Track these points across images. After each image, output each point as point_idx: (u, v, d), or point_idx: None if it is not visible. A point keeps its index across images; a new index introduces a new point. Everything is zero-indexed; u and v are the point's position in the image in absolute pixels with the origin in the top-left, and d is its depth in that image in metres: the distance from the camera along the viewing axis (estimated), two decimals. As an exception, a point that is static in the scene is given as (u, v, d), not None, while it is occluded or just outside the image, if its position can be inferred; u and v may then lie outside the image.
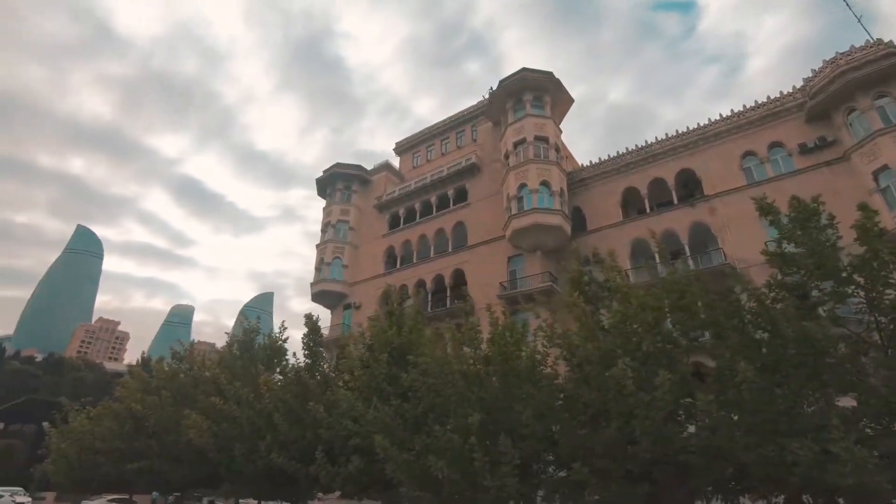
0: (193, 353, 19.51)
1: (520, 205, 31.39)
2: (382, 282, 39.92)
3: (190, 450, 14.57)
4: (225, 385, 14.47)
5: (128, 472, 16.84)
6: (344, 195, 45.70)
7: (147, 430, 16.11)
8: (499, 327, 12.10)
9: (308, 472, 12.78)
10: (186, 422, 14.10)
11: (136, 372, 20.53)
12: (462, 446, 9.92)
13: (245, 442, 13.50)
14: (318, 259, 43.55)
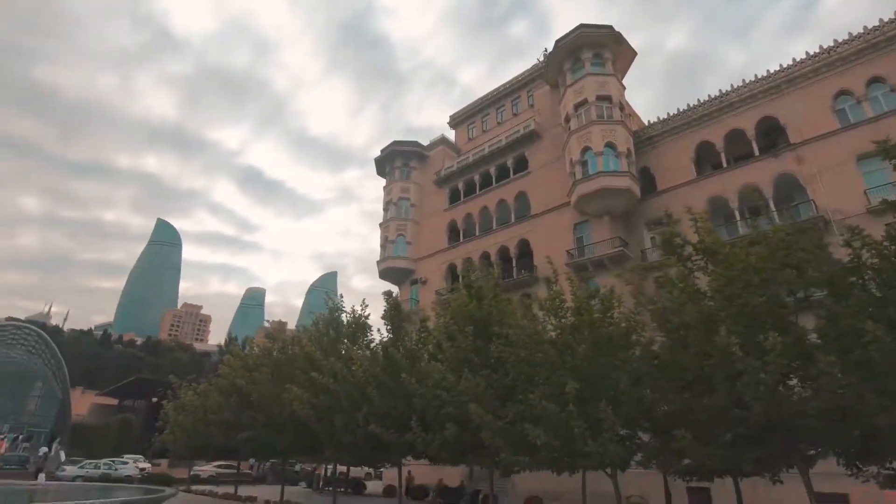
0: (284, 332, 20.82)
1: (584, 169, 30.44)
2: (446, 256, 40.47)
3: (292, 420, 15.78)
4: (321, 361, 15.46)
5: (237, 441, 18.57)
6: (403, 172, 46.26)
7: (252, 404, 17.58)
8: (584, 295, 12.03)
9: (404, 440, 13.51)
10: (288, 395, 15.24)
11: (236, 351, 22.38)
12: (558, 414, 10.09)
13: (343, 413, 14.42)
14: (383, 237, 44.68)
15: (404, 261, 42.92)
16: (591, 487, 21.33)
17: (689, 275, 10.13)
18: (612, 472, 10.68)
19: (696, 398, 9.92)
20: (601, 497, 22.06)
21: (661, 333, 10.90)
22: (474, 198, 40.02)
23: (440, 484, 23.23)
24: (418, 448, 13.30)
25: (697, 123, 29.72)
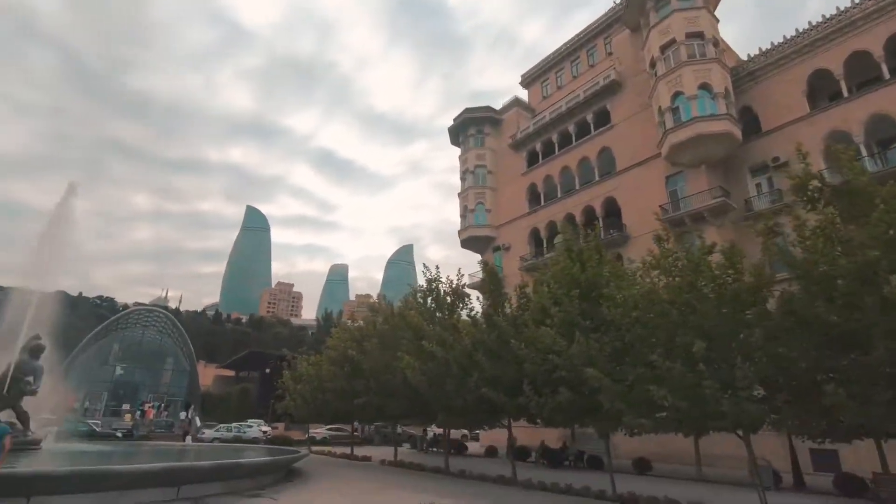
0: (384, 304, 21.81)
1: (676, 116, 28.25)
2: (528, 221, 39.88)
3: (404, 386, 16.66)
4: (428, 330, 16.08)
5: (353, 406, 20.04)
6: (477, 140, 45.75)
7: (363, 372, 18.78)
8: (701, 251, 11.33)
9: (516, 403, 13.80)
10: (399, 363, 16.07)
11: (343, 324, 24.01)
12: (684, 374, 9.74)
13: (454, 379, 14.95)
14: (462, 207, 44.85)
15: (485, 229, 42.91)
16: (703, 449, 20.74)
17: (833, 221, 9.16)
18: (745, 434, 10.19)
19: (843, 354, 9.14)
20: (714, 459, 21.42)
21: (795, 286, 10.07)
22: (553, 158, 38.75)
23: (542, 445, 23.61)
24: (532, 411, 13.52)
25: (810, 50, 26.32)
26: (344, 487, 13.76)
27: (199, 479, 10.96)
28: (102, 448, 18.98)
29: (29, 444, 14.46)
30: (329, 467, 18.77)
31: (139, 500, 9.70)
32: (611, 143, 34.50)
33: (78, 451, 15.86)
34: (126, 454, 16.61)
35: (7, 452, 7.63)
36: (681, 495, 12.12)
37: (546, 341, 12.63)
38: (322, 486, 13.69)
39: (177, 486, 10.46)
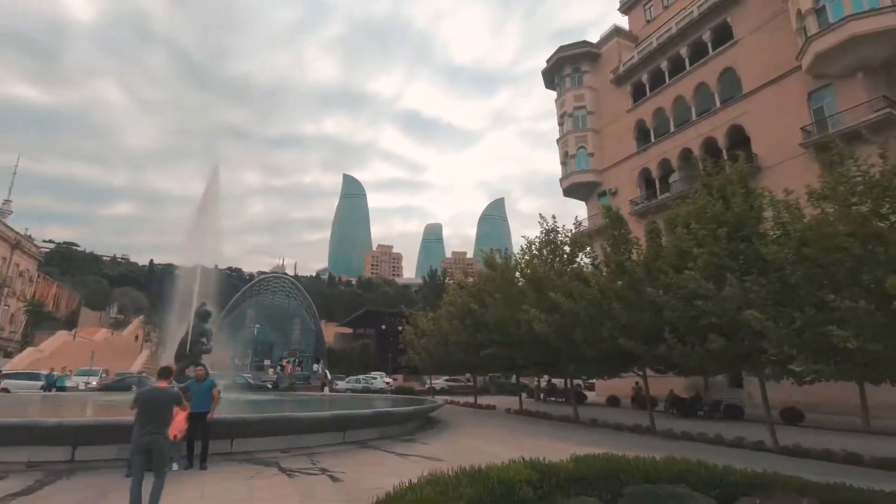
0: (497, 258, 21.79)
1: (821, 19, 23.96)
2: (637, 161, 37.14)
3: (530, 338, 16.70)
4: (554, 281, 15.82)
5: (477, 358, 20.71)
6: (574, 80, 42.90)
7: (486, 325, 19.15)
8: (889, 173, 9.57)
9: (656, 353, 13.19)
10: (524, 315, 16.07)
11: (461, 280, 24.68)
12: (874, 314, 8.52)
13: (584, 329, 14.65)
14: (562, 153, 42.88)
15: (588, 174, 40.78)
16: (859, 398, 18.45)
17: None
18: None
19: None
20: (881, 408, 19.03)
21: None
22: (664, 89, 35.18)
23: (671, 394, 22.68)
24: (675, 360, 12.86)
25: None
26: (485, 433, 14.34)
27: (361, 425, 12.02)
28: (263, 397, 21.65)
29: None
30: (460, 415, 19.71)
31: (314, 443, 10.85)
32: (734, 63, 30.38)
33: (249, 400, 18.21)
34: (290, 403, 18.77)
35: (217, 402, 8.85)
36: (859, 448, 10.94)
37: (690, 286, 11.76)
38: (464, 433, 14.38)
39: (343, 431, 11.56)
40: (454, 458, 9.90)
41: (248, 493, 6.89)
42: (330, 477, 8.01)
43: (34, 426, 8.43)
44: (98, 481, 7.46)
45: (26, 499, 6.43)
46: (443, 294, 62.00)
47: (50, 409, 13.54)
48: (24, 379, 27.04)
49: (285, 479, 7.81)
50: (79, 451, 8.72)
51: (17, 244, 53.90)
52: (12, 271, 53.09)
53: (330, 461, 9.35)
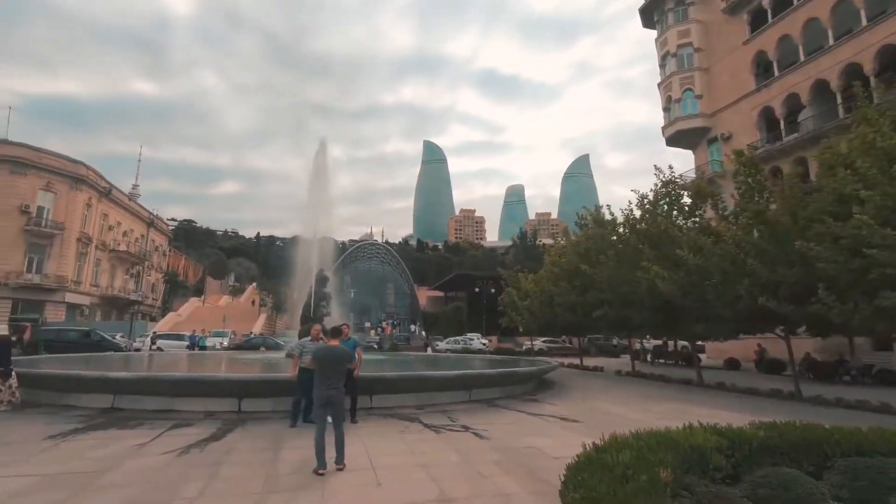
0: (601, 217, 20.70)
1: None
2: (756, 100, 32.98)
3: (649, 297, 15.77)
4: (678, 235, 14.68)
5: (586, 319, 20.14)
6: (678, 14, 38.65)
7: (598, 285, 18.41)
8: None
9: (807, 311, 11.80)
10: (644, 275, 15.13)
11: (566, 239, 23.98)
12: None
13: (715, 287, 13.48)
14: (665, 98, 39.28)
15: (696, 119, 37.08)
16: None
17: None
18: None
19: None
20: None
21: None
22: (791, 11, 30.48)
23: (808, 357, 20.55)
24: (834, 320, 11.40)
25: None
26: (608, 396, 13.94)
27: (485, 384, 12.17)
28: (377, 357, 22.83)
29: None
30: (570, 377, 19.41)
31: (443, 401, 11.15)
32: (888, -31, 25.36)
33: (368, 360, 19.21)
34: (414, 362, 19.61)
35: (360, 361, 9.31)
36: None
37: (860, 234, 10.22)
38: (585, 395, 14.10)
39: (469, 390, 11.78)
40: (591, 421, 9.70)
41: (406, 447, 7.18)
42: (475, 434, 8.14)
43: (210, 380, 9.46)
44: (269, 430, 8.20)
45: (217, 444, 7.20)
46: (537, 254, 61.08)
47: (210, 366, 15.26)
48: (172, 339, 30.96)
49: (433, 435, 8.06)
50: (244, 403, 9.67)
51: (151, 222, 61.08)
52: (149, 246, 60.44)
53: (467, 419, 9.54)
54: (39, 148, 42.39)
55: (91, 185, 45.94)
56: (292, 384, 9.05)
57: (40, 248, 41.06)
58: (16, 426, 8.20)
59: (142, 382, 9.43)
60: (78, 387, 9.94)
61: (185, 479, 5.53)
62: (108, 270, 50.61)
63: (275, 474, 5.78)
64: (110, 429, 8.11)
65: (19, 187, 39.91)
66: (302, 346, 8.93)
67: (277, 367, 14.97)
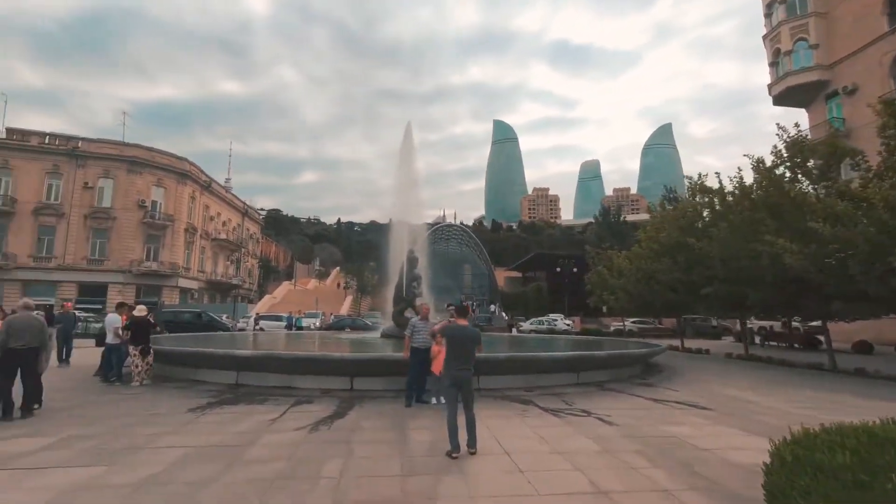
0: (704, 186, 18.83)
1: None
2: (888, 44, 28.39)
3: (771, 273, 14.12)
4: (811, 202, 12.93)
5: (691, 297, 18.64)
6: (789, -47, 34.05)
7: (706, 261, 16.86)
8: None
9: None
10: (767, 248, 13.51)
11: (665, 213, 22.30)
12: None
13: (862, 259, 11.69)
14: (772, 52, 35.07)
15: (812, 72, 32.76)
16: None
17: None
18: None
19: None
20: None
21: None
22: (940, -66, 25.64)
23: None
24: None
25: None
26: (731, 381, 12.72)
27: (594, 367, 11.53)
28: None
29: (428, 335, 18.15)
30: (675, 360, 18.12)
31: (551, 383, 10.68)
32: None
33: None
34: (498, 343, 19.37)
35: None
36: None
37: None
38: (702, 379, 12.99)
39: (577, 372, 11.20)
40: (723, 408, 8.80)
41: (531, 431, 6.82)
42: (600, 420, 7.61)
43: (326, 359, 9.70)
44: (386, 410, 8.20)
45: (342, 422, 7.28)
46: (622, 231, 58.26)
47: (316, 346, 15.95)
48: (272, 320, 33.09)
49: (556, 419, 7.64)
50: (356, 382, 9.83)
51: (245, 212, 65.61)
52: (245, 234, 65.04)
53: (584, 403, 9.02)
54: (152, 147, 46.66)
55: (194, 179, 49.97)
56: (404, 364, 9.02)
57: (155, 238, 45.48)
58: (160, 399, 8.88)
59: (264, 360, 9.89)
60: (207, 363, 10.65)
61: (323, 456, 5.55)
62: (212, 257, 55.13)
63: (409, 455, 5.65)
64: (240, 404, 8.52)
65: (137, 184, 44.30)
66: (413, 327, 8.84)
67: (376, 347, 15.31)
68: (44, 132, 44.22)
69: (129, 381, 10.39)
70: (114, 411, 7.87)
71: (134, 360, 10.32)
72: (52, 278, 41.08)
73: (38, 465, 5.13)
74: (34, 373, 7.57)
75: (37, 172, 41.88)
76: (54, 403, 8.21)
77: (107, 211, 43.29)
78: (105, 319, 10.98)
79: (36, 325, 7.49)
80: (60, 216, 42.06)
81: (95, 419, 7.26)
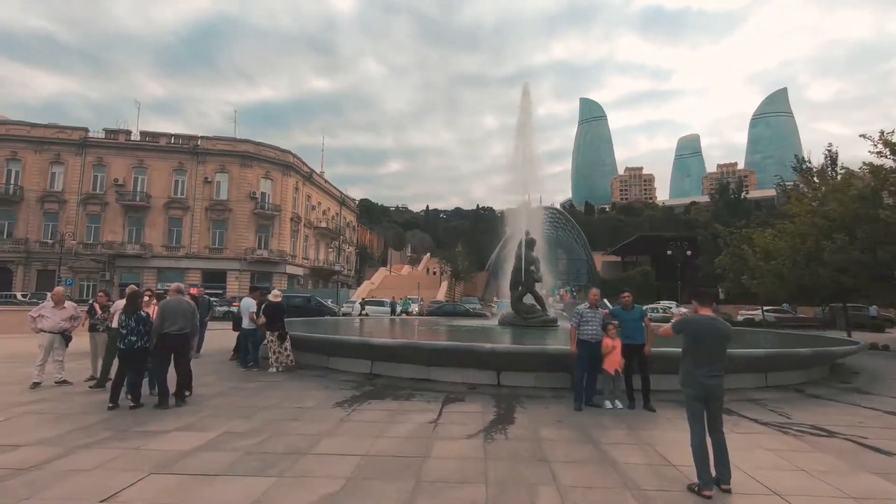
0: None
1: None
2: None
3: None
4: None
5: (865, 280, 15.28)
6: None
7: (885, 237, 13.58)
8: None
9: None
10: None
11: (832, 183, 18.62)
12: None
13: None
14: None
15: None
16: None
17: None
18: None
19: None
20: None
21: None
22: None
23: None
24: None
25: None
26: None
27: (785, 367, 9.39)
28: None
29: (549, 323, 16.64)
30: (856, 359, 14.95)
31: (736, 385, 8.74)
32: None
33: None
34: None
35: (652, 333, 7.54)
36: None
37: None
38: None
39: (765, 373, 9.16)
40: None
41: (776, 458, 5.16)
42: (857, 443, 5.72)
43: (471, 350, 8.64)
44: (556, 413, 6.91)
45: (515, 429, 6.10)
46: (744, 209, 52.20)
47: (433, 333, 15.15)
48: (376, 305, 33.43)
49: (793, 440, 5.85)
50: (503, 377, 8.67)
51: (342, 201, 67.98)
52: (342, 222, 67.44)
53: (800, 414, 7.12)
54: (259, 142, 49.44)
55: (297, 170, 52.30)
56: (565, 359, 7.69)
57: (265, 227, 48.29)
58: (302, 390, 8.34)
59: (404, 350, 9.04)
60: (342, 351, 10.10)
61: (524, 480, 4.38)
62: (314, 245, 57.73)
63: (636, 486, 4.29)
64: (386, 399, 7.71)
65: (248, 177, 47.19)
66: (580, 316, 7.44)
67: (497, 335, 14.19)
68: (169, 133, 48.50)
69: (267, 367, 10.14)
70: (261, 402, 7.39)
71: (271, 345, 10.02)
72: (181, 266, 45.14)
73: (204, 472, 4.49)
74: (186, 358, 7.28)
75: (166, 170, 46.06)
76: (201, 390, 7.96)
77: (224, 203, 46.61)
78: (241, 304, 10.84)
79: (188, 309, 7.18)
80: (186, 209, 45.99)
81: (246, 411, 6.76)
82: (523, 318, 16.51)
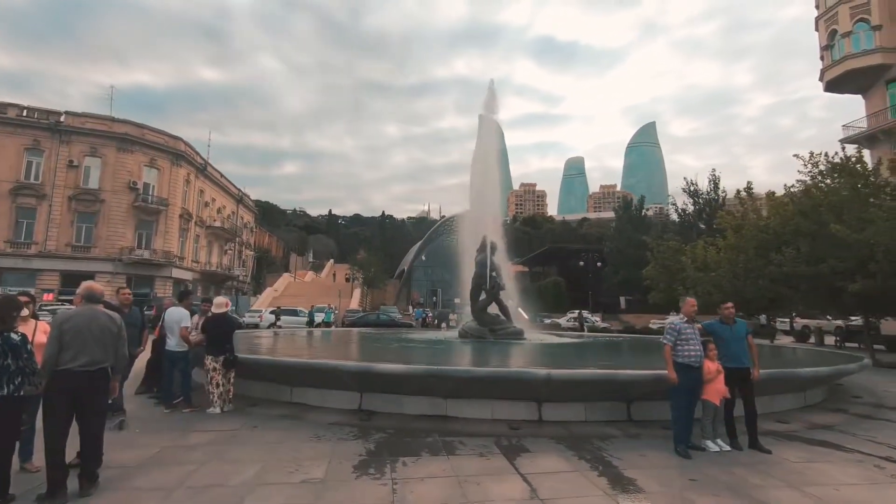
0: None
1: None
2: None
3: None
4: None
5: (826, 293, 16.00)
6: (849, -74, 31.86)
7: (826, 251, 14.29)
8: None
9: None
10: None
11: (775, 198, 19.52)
12: None
13: None
14: (825, 36, 32.97)
15: (874, 55, 30.66)
16: None
17: None
18: None
19: None
20: None
21: None
22: None
23: None
24: None
25: None
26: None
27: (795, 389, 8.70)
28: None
29: (517, 335, 15.15)
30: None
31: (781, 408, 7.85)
32: None
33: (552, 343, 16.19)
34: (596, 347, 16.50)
35: (757, 354, 6.17)
36: None
37: None
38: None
39: (804, 392, 8.39)
40: None
41: None
42: None
43: (524, 378, 6.58)
44: (661, 460, 5.19)
45: (653, 497, 4.25)
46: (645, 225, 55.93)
47: (388, 349, 12.77)
48: (289, 315, 29.54)
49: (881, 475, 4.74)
50: (544, 409, 6.79)
51: (240, 199, 61.30)
52: (239, 223, 60.77)
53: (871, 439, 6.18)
54: (142, 124, 42.29)
55: (189, 161, 45.72)
56: (648, 386, 6.07)
57: (148, 224, 41.23)
58: (284, 443, 5.67)
59: (417, 378, 6.67)
60: (315, 381, 7.46)
61: None
62: (206, 246, 50.91)
63: None
64: (418, 452, 5.40)
65: (127, 164, 39.94)
66: (677, 332, 5.84)
67: (461, 350, 12.52)
68: (22, 105, 39.50)
69: (203, 405, 7.16)
70: (231, 474, 4.65)
71: (212, 375, 7.07)
72: (32, 266, 36.62)
73: None
74: (101, 413, 4.32)
75: (14, 147, 37.23)
76: (116, 454, 4.95)
77: (94, 193, 38.87)
78: (165, 315, 7.56)
79: (108, 327, 4.25)
80: (41, 197, 37.53)
81: (201, 497, 4.08)
82: (491, 331, 14.86)
